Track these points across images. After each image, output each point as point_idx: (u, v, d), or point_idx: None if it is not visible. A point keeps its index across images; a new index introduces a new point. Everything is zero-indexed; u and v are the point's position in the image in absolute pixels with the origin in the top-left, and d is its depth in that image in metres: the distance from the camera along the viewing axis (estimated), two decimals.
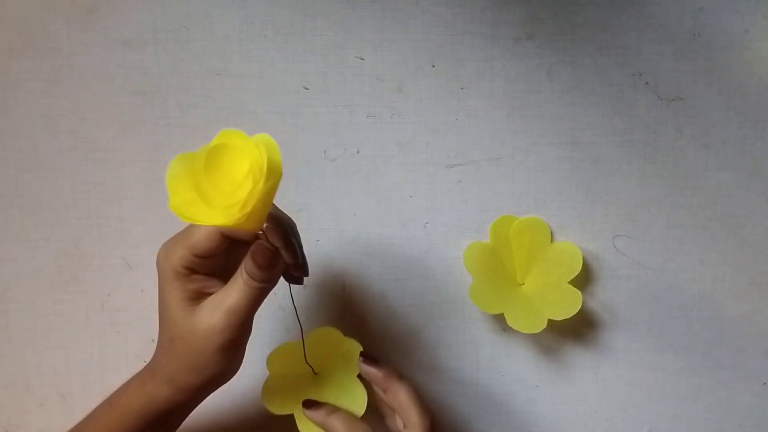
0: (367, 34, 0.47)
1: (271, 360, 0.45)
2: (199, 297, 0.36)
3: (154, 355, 0.38)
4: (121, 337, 0.49)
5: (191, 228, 0.37)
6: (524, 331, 0.45)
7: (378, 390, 0.44)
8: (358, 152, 0.48)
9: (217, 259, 0.37)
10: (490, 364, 0.50)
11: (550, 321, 0.45)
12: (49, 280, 0.48)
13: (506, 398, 0.50)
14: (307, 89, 0.47)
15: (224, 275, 0.37)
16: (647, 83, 0.47)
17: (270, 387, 0.45)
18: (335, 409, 0.43)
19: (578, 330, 0.50)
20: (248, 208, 0.31)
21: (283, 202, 0.48)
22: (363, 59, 0.47)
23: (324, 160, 0.48)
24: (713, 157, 0.48)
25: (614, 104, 0.48)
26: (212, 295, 0.36)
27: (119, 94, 0.47)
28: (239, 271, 0.36)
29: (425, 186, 0.48)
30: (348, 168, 0.48)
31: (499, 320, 0.49)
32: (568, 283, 0.47)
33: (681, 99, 0.48)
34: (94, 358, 0.49)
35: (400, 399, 0.42)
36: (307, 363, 0.45)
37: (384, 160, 0.48)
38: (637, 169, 0.48)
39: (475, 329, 0.49)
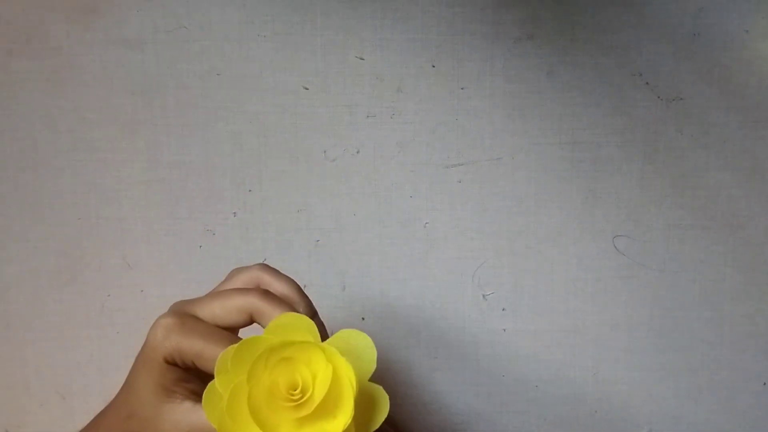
0: (367, 34, 0.47)
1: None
2: (174, 386, 0.33)
3: (102, 422, 0.36)
4: (121, 337, 0.49)
5: (203, 334, 0.33)
6: None
7: None
8: (358, 152, 0.48)
9: None
10: (490, 364, 0.50)
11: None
12: (49, 280, 0.48)
13: (506, 398, 0.50)
14: (307, 89, 0.47)
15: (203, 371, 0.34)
16: (647, 83, 0.47)
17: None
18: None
19: (578, 330, 0.50)
20: None
21: (283, 202, 0.48)
22: (363, 59, 0.47)
23: (324, 160, 0.48)
24: (713, 157, 0.48)
25: (614, 104, 0.48)
26: (187, 404, 0.33)
27: (119, 94, 0.47)
28: None
29: (425, 186, 0.48)
30: (348, 168, 0.48)
31: (499, 320, 0.49)
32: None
33: (681, 99, 0.48)
34: (94, 358, 0.49)
35: None
36: None
37: (384, 160, 0.48)
38: (637, 169, 0.48)
39: (475, 329, 0.49)
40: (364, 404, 0.30)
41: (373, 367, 0.30)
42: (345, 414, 0.29)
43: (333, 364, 0.29)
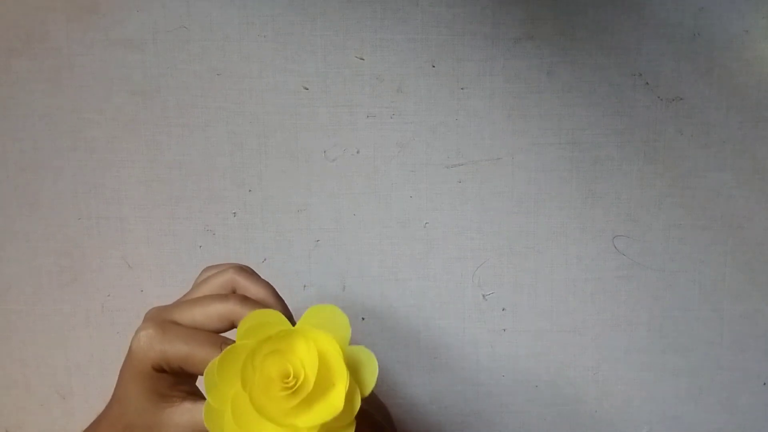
0: (367, 34, 0.47)
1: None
2: (169, 390, 0.33)
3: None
4: (121, 337, 0.49)
5: (186, 339, 0.32)
6: None
7: None
8: (358, 152, 0.48)
9: None
10: (490, 364, 0.50)
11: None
12: (49, 280, 0.48)
13: (506, 398, 0.50)
14: (307, 89, 0.47)
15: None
16: (647, 83, 0.48)
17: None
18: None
19: (578, 330, 0.50)
20: None
21: (283, 202, 0.48)
22: (363, 59, 0.47)
23: (324, 160, 0.48)
24: (713, 157, 0.48)
25: (614, 104, 0.48)
26: (187, 405, 0.33)
27: (119, 94, 0.47)
28: None
29: (425, 186, 0.48)
30: (348, 168, 0.48)
31: (499, 320, 0.49)
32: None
33: (681, 99, 0.48)
34: (94, 358, 0.49)
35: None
36: None
37: (384, 160, 0.48)
38: (637, 169, 0.48)
39: (475, 329, 0.49)
40: (353, 368, 0.31)
41: (348, 332, 0.31)
42: (342, 378, 0.30)
43: (313, 339, 0.30)
